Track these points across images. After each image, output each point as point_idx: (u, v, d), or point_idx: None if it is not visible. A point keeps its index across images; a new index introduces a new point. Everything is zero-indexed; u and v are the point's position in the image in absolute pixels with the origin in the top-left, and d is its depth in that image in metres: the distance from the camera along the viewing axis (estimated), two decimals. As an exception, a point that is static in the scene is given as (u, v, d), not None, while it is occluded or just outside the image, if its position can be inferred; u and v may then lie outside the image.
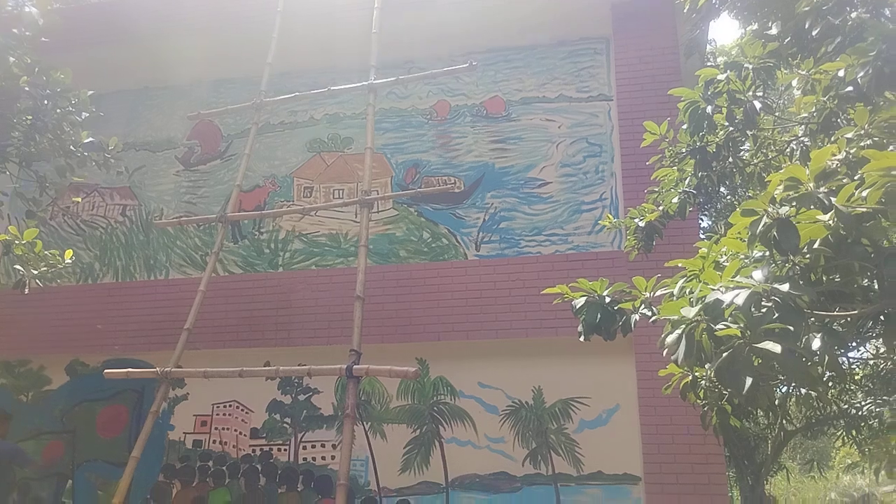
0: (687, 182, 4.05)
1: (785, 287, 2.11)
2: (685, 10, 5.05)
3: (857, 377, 8.65)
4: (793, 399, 9.36)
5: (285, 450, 6.87)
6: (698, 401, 3.04)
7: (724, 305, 2.14)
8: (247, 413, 7.07)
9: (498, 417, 6.52)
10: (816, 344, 2.20)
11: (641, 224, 4.23)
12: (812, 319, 2.30)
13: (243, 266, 7.76)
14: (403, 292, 6.84)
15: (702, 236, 7.65)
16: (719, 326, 2.13)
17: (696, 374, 2.95)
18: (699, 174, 3.97)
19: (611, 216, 4.87)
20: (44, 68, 5.78)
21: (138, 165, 8.50)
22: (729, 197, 10.64)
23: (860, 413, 9.38)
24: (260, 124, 7.47)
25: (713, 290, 2.24)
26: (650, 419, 5.83)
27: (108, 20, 8.47)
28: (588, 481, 6.18)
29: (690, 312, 2.23)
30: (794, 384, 5.24)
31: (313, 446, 6.81)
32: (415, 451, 6.58)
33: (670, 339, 2.33)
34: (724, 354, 2.12)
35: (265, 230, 7.85)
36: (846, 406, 9.73)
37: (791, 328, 2.04)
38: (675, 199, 4.07)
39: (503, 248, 7.12)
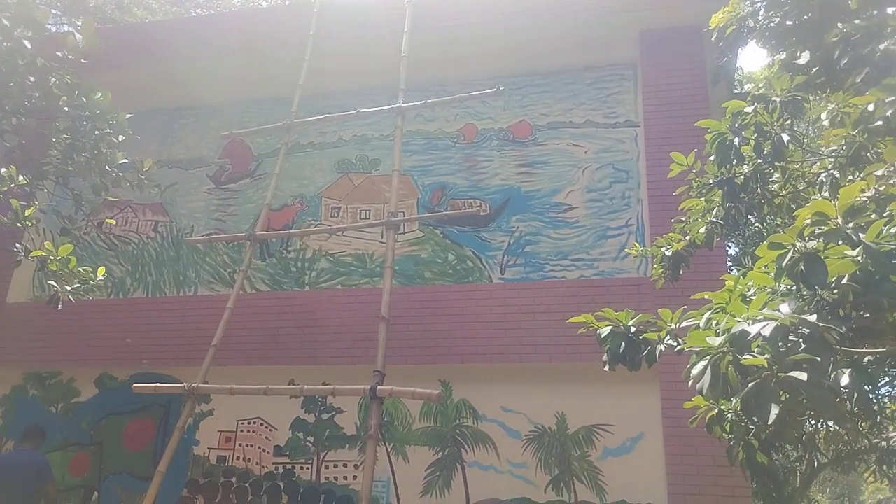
0: (714, 213, 4.05)
1: (813, 318, 2.10)
2: (713, 39, 5.07)
3: (887, 412, 8.47)
4: (822, 434, 9.16)
5: (308, 468, 6.88)
6: (724, 435, 3.02)
7: (750, 337, 2.14)
8: (270, 430, 7.11)
9: (520, 442, 6.48)
10: (845, 380, 2.19)
11: (668, 253, 4.22)
12: (840, 356, 2.29)
13: (270, 284, 7.86)
14: (428, 314, 6.87)
15: (729, 264, 7.59)
16: (746, 357, 2.13)
17: (723, 407, 2.93)
18: (727, 205, 3.97)
19: (637, 244, 4.87)
20: (83, 89, 5.91)
21: (171, 182, 8.67)
22: (757, 224, 10.54)
23: (891, 447, 9.15)
24: (290, 144, 7.62)
25: (739, 321, 2.24)
26: (675, 449, 5.75)
27: (144, 42, 8.74)
28: (611, 510, 6.10)
29: (716, 342, 2.24)
30: (822, 420, 5.14)
31: (335, 466, 6.82)
32: (437, 473, 6.56)
33: (696, 370, 2.33)
34: (751, 385, 2.11)
35: (292, 249, 7.95)
36: (877, 440, 9.50)
37: (818, 359, 2.03)
38: (703, 230, 4.07)
39: (528, 272, 7.13)
